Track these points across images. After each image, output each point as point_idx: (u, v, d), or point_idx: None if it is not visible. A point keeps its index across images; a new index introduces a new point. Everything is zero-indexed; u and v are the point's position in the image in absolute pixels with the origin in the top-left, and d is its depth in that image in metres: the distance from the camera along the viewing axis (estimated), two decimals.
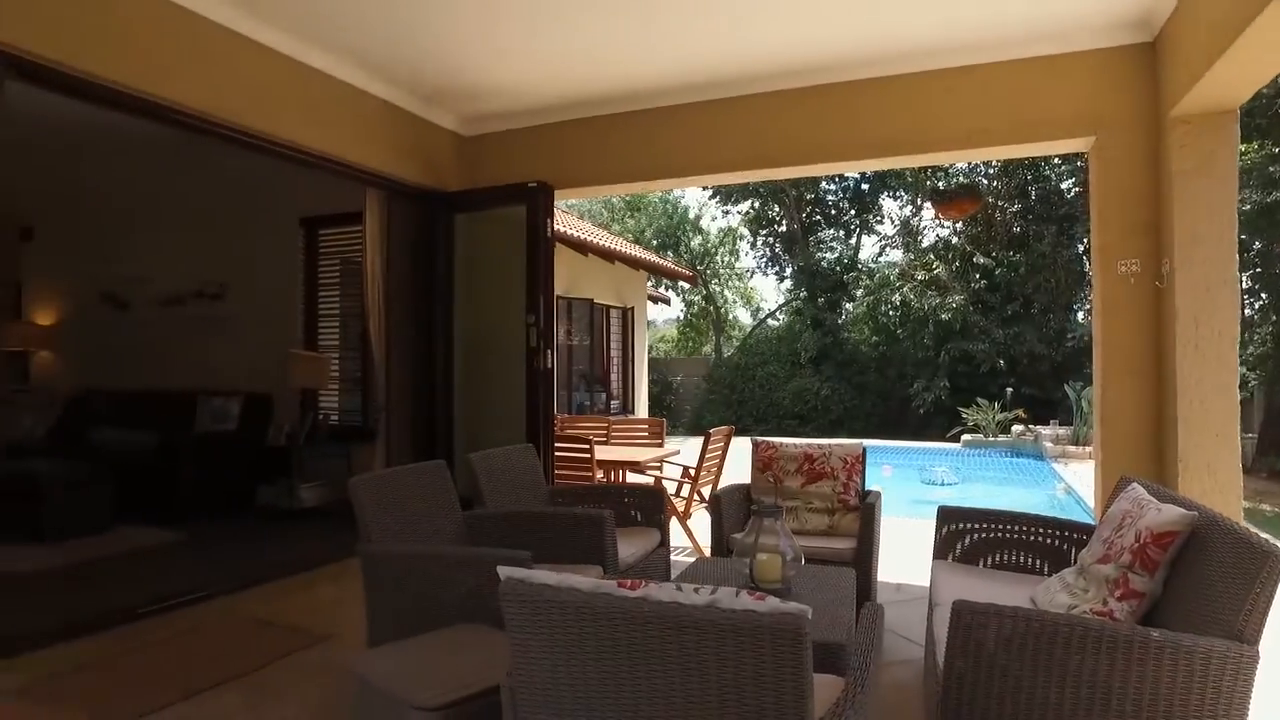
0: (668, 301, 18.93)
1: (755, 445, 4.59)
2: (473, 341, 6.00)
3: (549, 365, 5.39)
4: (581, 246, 10.37)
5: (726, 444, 7.05)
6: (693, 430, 18.76)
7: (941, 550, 3.55)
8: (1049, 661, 1.92)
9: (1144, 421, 4.39)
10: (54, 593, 4.30)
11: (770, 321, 24.71)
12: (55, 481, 5.56)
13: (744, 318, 28.48)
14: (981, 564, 3.46)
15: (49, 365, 8.36)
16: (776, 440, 4.63)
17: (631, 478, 7.38)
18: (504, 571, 1.67)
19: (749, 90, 5.33)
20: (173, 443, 6.30)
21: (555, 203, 5.67)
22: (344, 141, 5.05)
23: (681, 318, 27.32)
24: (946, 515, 3.59)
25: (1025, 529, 3.41)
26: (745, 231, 24.86)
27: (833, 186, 21.93)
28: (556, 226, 5.94)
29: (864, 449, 4.51)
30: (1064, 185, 17.42)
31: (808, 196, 22.00)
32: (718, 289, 26.52)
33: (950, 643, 2.05)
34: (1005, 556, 3.41)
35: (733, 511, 4.25)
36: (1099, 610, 2.28)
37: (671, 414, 21.07)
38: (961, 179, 17.54)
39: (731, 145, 5.40)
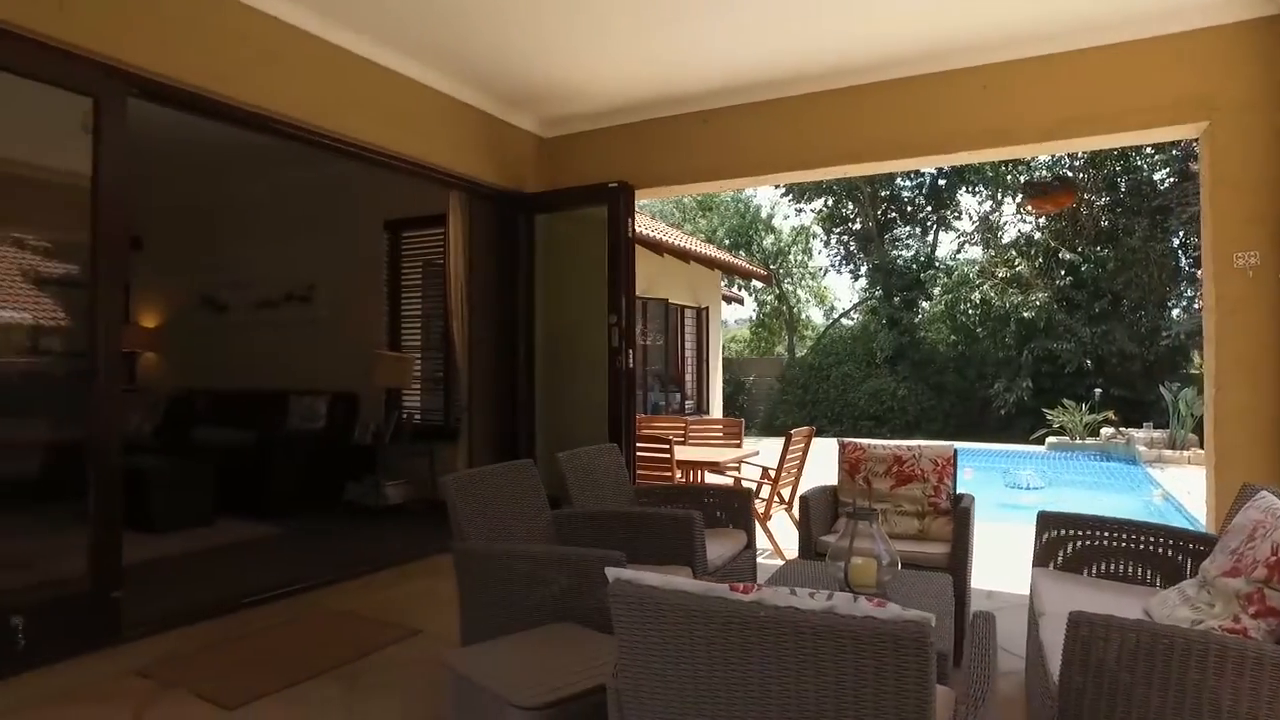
0: (741, 301, 18.78)
1: (842, 446, 4.50)
2: (553, 341, 6.06)
3: (631, 365, 5.39)
4: (657, 246, 10.37)
5: (807, 445, 6.95)
6: (765, 431, 18.57)
7: (1042, 558, 3.41)
8: (1180, 682, 1.81)
9: (1264, 425, 4.12)
10: (165, 581, 4.50)
11: (844, 321, 24.31)
12: (162, 476, 5.84)
13: (817, 317, 28.09)
14: (1085, 573, 3.30)
15: (153, 366, 8.79)
16: (864, 442, 4.53)
17: (709, 478, 7.35)
18: (612, 573, 1.65)
19: (830, 85, 5.24)
20: (266, 440, 6.55)
21: (635, 202, 5.66)
22: (429, 145, 5.16)
23: (754, 317, 27.10)
24: (1047, 521, 3.45)
25: (1133, 537, 3.24)
26: (818, 230, 24.51)
27: (908, 183, 21.42)
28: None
29: (955, 451, 4.37)
30: (1157, 176, 16.60)
31: (882, 193, 21.55)
32: (790, 288, 26.22)
33: (1066, 657, 1.96)
34: (1112, 566, 3.25)
35: (820, 514, 4.17)
36: (1230, 628, 2.14)
37: (744, 414, 20.89)
38: (1045, 172, 16.90)
39: (812, 142, 5.31)
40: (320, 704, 3.19)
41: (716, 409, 13.71)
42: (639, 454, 5.89)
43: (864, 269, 23.37)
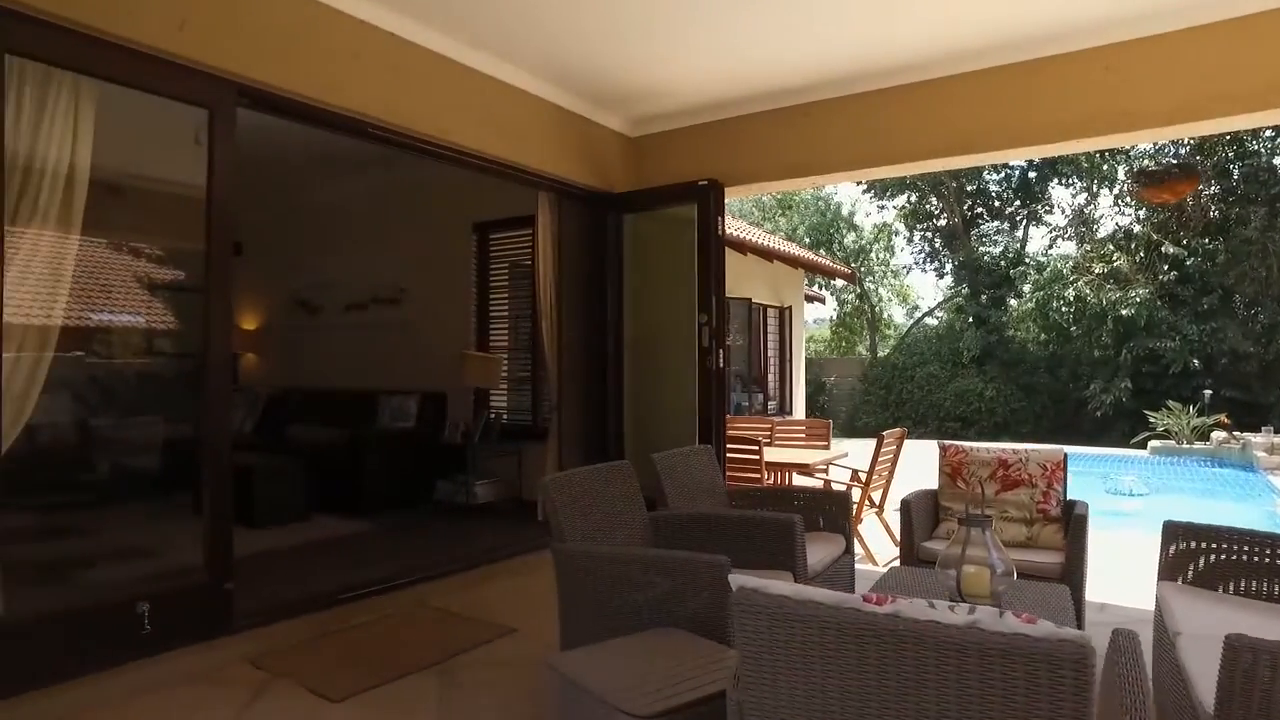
0: (822, 300, 18.47)
1: (943, 449, 4.34)
2: (640, 341, 6.04)
3: (721, 365, 5.33)
4: (741, 246, 10.26)
5: (899, 447, 6.76)
6: (847, 432, 18.22)
7: (1170, 571, 3.20)
8: None
9: None
10: (269, 574, 4.65)
11: (928, 320, 23.67)
12: (263, 472, 6.05)
13: (899, 316, 27.43)
14: (1221, 590, 3.08)
15: (253, 366, 9.16)
16: (966, 444, 4.36)
17: (796, 480, 7.22)
18: (736, 580, 1.60)
19: (924, 76, 5.04)
20: (357, 439, 6.72)
21: (725, 201, 5.59)
22: (520, 146, 5.20)
23: (833, 317, 26.64)
24: (1175, 532, 3.23)
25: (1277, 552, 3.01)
26: (900, 227, 23.93)
27: (996, 176, 20.70)
28: None
29: (1065, 455, 4.16)
30: (1277, 161, 15.56)
31: (968, 188, 20.89)
32: (871, 287, 25.68)
33: (1225, 687, 1.80)
34: (1253, 584, 3.02)
35: (921, 519, 4.03)
36: None
37: (824, 415, 20.56)
38: (1148, 161, 16.05)
39: (905, 135, 5.13)
40: (420, 700, 3.23)
41: (799, 410, 13.49)
42: (727, 455, 5.82)
43: (948, 266, 22.71)
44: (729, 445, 5.85)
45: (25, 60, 3.14)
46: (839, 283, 24.23)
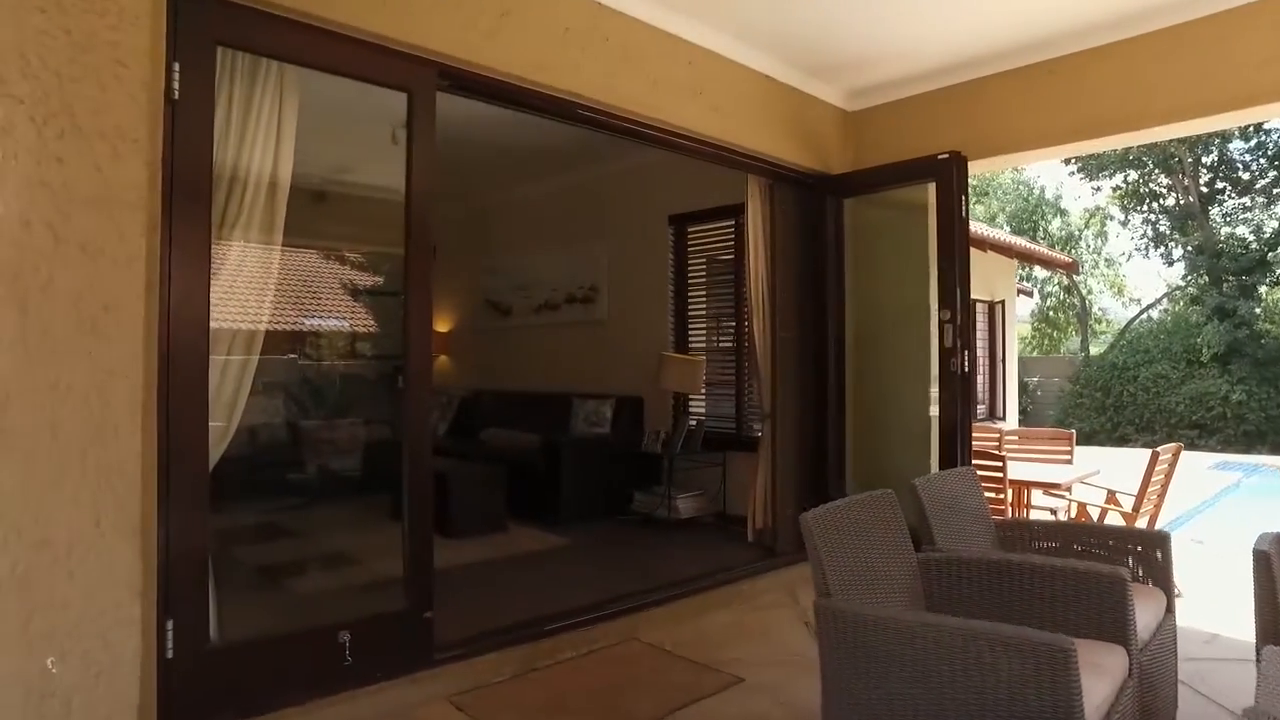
0: (1031, 294, 16.71)
1: None
2: (863, 342, 5.31)
3: (967, 369, 4.51)
4: None
5: (1173, 465, 5.63)
6: None
7: None
8: None
9: None
10: (467, 593, 4.36)
11: (1151, 313, 20.99)
12: (461, 479, 5.85)
13: (1113, 309, 24.64)
14: None
15: (445, 369, 9.20)
16: None
17: (1037, 500, 6.23)
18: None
19: (1209, 9, 4.00)
20: (551, 444, 6.41)
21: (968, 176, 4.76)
22: (728, 123, 4.62)
23: (1034, 311, 24.28)
24: None
25: None
26: (1116, 210, 21.38)
27: (1242, 145, 17.89)
28: None
29: None
30: None
31: (1206, 160, 18.20)
32: (1080, 278, 23.16)
33: None
34: None
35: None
36: None
37: (1028, 419, 18.67)
38: None
39: (1182, 86, 4.09)
40: None
41: (1011, 416, 12.12)
42: None
43: (1178, 252, 19.99)
44: None
45: (236, 52, 2.95)
46: (1040, 274, 22.02)
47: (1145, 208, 20.29)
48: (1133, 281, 24.41)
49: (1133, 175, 19.67)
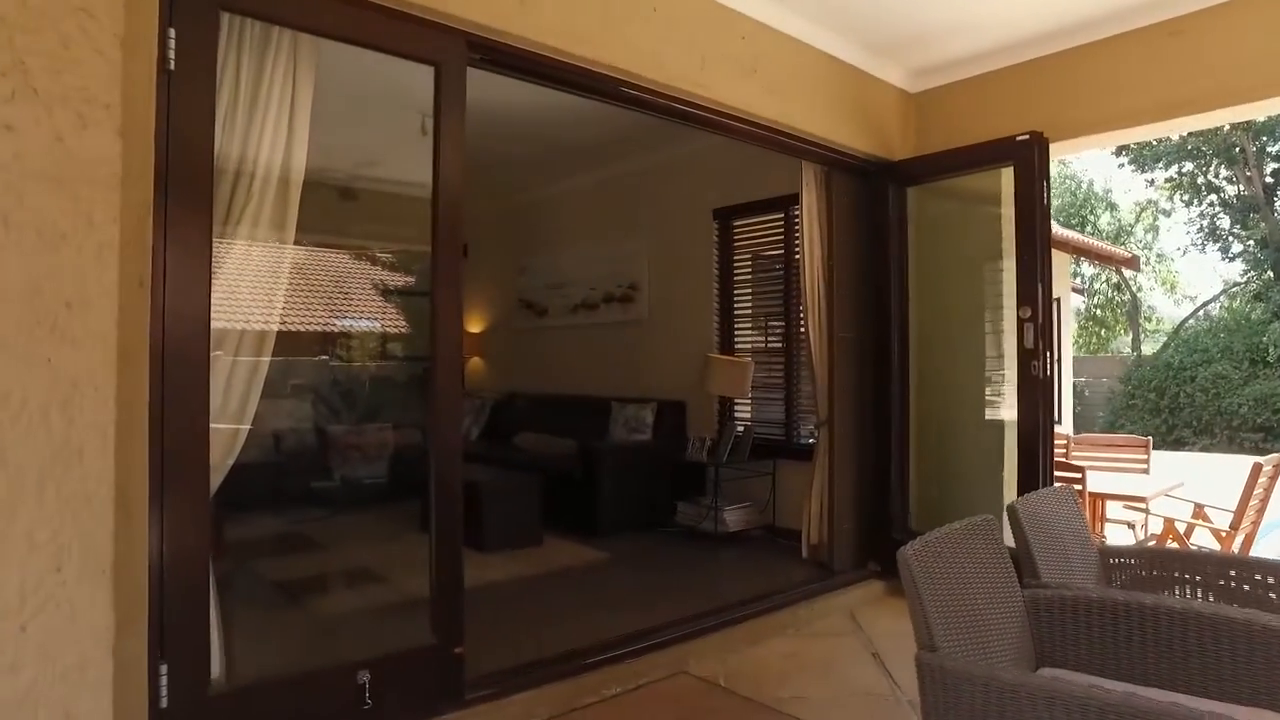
0: (1082, 291, 16.02)
1: None
2: (926, 343, 4.88)
3: (1049, 372, 4.07)
4: None
5: (1273, 479, 5.13)
6: None
7: None
8: None
9: None
10: (501, 616, 4.02)
11: (1209, 310, 20.11)
12: (494, 489, 5.51)
13: (1163, 307, 23.72)
14: None
15: (478, 371, 8.89)
16: None
17: (1111, 513, 5.76)
18: None
19: None
20: (588, 451, 6.04)
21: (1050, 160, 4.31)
22: (783, 104, 4.22)
23: (1081, 309, 23.43)
24: None
25: None
26: (1168, 204, 20.52)
27: None
28: None
29: None
30: None
31: (1272, 149, 17.35)
32: (1130, 274, 22.29)
33: None
34: None
35: None
36: None
37: (1078, 422, 17.94)
38: None
39: None
40: None
41: (1066, 419, 11.55)
42: None
43: (1237, 246, 19.11)
44: None
45: (244, 19, 2.63)
46: (1088, 270, 21.22)
47: (1201, 200, 19.44)
48: (1184, 278, 23.52)
49: (1188, 166, 18.84)
